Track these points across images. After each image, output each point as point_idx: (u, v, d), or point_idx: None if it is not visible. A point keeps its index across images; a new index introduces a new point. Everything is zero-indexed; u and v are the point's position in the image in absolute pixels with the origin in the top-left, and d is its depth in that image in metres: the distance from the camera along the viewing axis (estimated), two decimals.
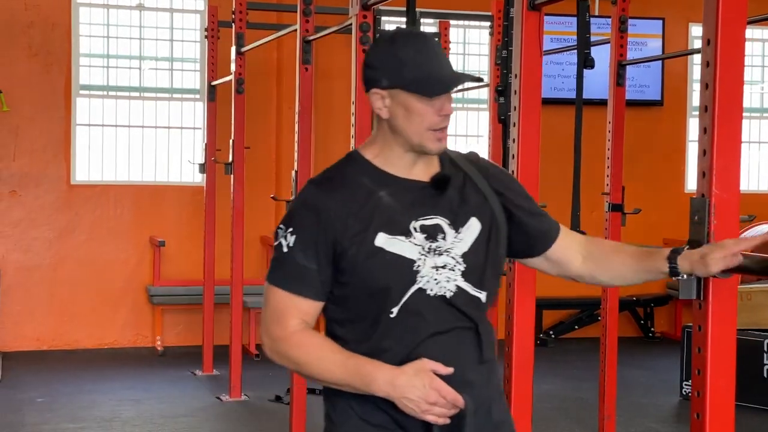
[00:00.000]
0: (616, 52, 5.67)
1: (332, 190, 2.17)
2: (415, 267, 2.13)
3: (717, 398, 2.26)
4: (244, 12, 6.83)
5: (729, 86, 2.23)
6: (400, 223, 2.15)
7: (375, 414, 2.16)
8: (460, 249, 2.18)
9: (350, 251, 2.12)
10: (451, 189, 2.22)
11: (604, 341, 5.60)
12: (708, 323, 2.24)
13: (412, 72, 2.12)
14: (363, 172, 2.19)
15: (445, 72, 2.15)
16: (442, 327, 2.15)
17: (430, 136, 2.16)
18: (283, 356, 2.17)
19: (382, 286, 2.12)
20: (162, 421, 6.23)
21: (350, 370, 2.10)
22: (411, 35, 2.18)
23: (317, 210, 2.14)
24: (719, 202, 2.23)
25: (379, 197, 2.16)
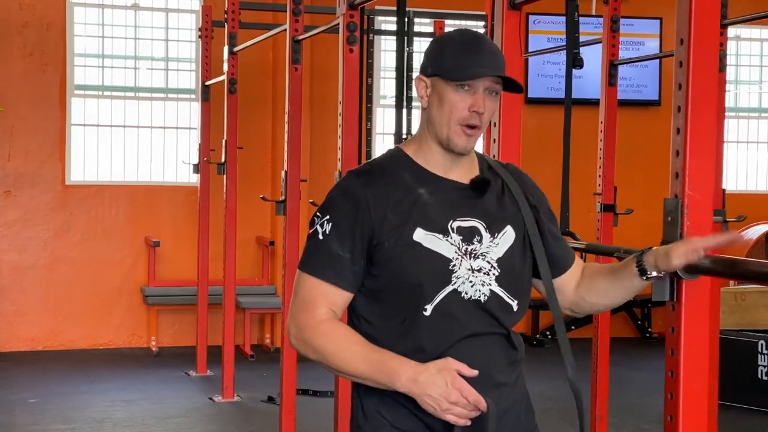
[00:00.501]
0: (608, 51, 5.63)
1: (373, 182, 2.17)
2: (451, 266, 2.13)
3: (691, 401, 2.23)
4: (236, 12, 6.82)
5: (702, 86, 2.21)
6: (438, 221, 2.15)
7: (405, 419, 2.14)
8: (496, 254, 2.19)
9: (387, 243, 2.12)
10: (490, 194, 2.23)
11: (596, 342, 5.59)
12: (681, 325, 2.21)
13: (451, 60, 2.14)
14: (404, 167, 2.20)
15: (481, 64, 2.14)
16: (476, 330, 2.15)
17: (458, 130, 2.16)
18: (308, 345, 2.14)
19: (417, 281, 2.11)
20: (153, 422, 6.22)
21: (373, 365, 2.08)
22: (466, 32, 2.21)
23: (356, 200, 2.14)
24: (692, 202, 2.20)
25: (418, 194, 2.16)
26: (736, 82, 10.34)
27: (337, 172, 4.54)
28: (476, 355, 2.13)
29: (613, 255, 2.42)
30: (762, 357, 6.69)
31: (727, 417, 6.36)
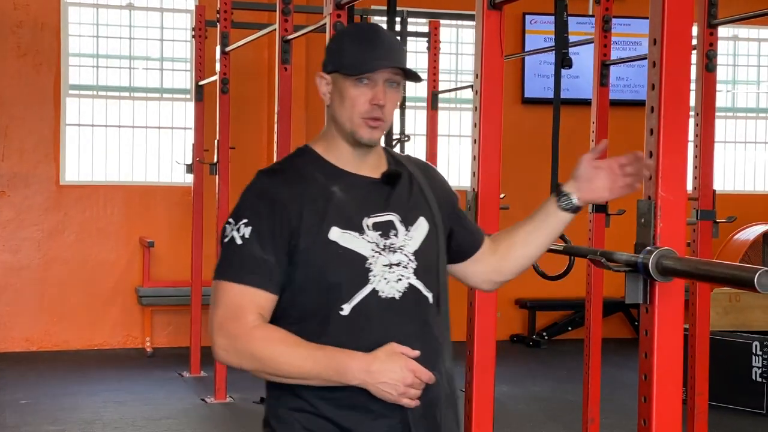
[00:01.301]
0: (599, 52, 5.61)
1: (286, 181, 2.15)
2: (367, 264, 2.12)
3: (664, 404, 2.21)
4: (228, 12, 6.79)
5: (675, 87, 2.19)
6: (353, 219, 2.14)
7: (317, 421, 2.12)
8: (412, 247, 2.19)
9: (304, 244, 2.09)
10: (401, 187, 2.23)
11: (588, 343, 5.56)
12: (654, 328, 2.19)
13: (348, 56, 2.14)
14: (315, 166, 2.19)
15: (379, 56, 2.13)
16: (395, 329, 2.13)
17: (361, 123, 2.15)
18: (244, 354, 2.07)
19: (334, 280, 2.10)
20: (144, 423, 6.20)
21: (320, 362, 2.05)
22: (362, 26, 2.26)
23: (272, 200, 2.11)
24: (665, 204, 2.18)
25: (331, 192, 2.15)
26: (734, 82, 10.31)
27: None
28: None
29: (588, 257, 2.38)
30: (756, 358, 6.66)
31: (720, 418, 6.34)
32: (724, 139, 10.14)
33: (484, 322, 3.13)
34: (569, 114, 8.28)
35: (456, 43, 9.58)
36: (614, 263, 2.24)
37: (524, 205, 9.21)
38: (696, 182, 4.88)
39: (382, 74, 2.14)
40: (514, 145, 9.13)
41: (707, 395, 4.94)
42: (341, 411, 2.11)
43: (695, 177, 4.88)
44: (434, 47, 7.90)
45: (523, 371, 7.97)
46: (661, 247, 2.12)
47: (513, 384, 7.35)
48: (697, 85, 4.84)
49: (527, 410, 6.78)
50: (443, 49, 8.42)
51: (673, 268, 2.05)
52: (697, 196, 4.85)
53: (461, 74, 9.60)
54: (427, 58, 7.99)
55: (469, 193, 3.13)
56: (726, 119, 10.19)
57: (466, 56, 9.61)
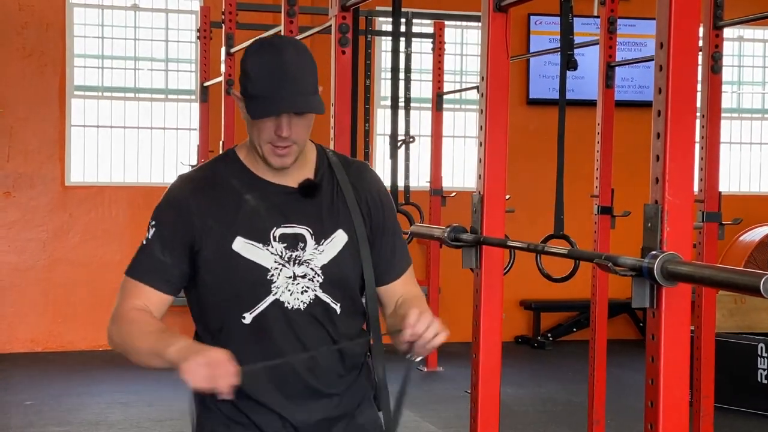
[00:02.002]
0: (605, 53, 5.61)
1: (199, 189, 2.19)
2: (269, 276, 2.14)
3: (670, 409, 2.21)
4: (234, 13, 6.80)
5: (682, 91, 2.19)
6: (261, 230, 2.15)
7: (237, 414, 2.19)
8: (320, 261, 2.17)
9: (206, 252, 2.14)
10: (322, 197, 2.20)
11: (593, 344, 5.55)
12: (661, 332, 2.19)
13: (251, 88, 2.11)
14: (233, 172, 2.20)
15: (279, 98, 2.07)
16: (299, 338, 2.16)
17: (269, 150, 2.14)
18: (116, 333, 2.16)
19: (233, 291, 2.14)
20: (149, 424, 6.20)
21: (158, 337, 2.09)
22: (265, 47, 2.14)
23: (179, 207, 2.18)
24: (672, 208, 2.18)
25: (244, 200, 2.16)
26: (740, 83, 10.29)
27: None
28: (299, 365, 2.15)
29: (593, 261, 2.38)
30: (761, 360, 6.65)
31: (725, 420, 6.32)
32: (729, 140, 10.13)
33: (490, 325, 3.13)
34: (574, 115, 8.28)
35: (461, 44, 9.57)
36: (620, 267, 2.24)
37: (529, 207, 9.23)
38: (702, 184, 4.87)
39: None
40: (519, 146, 9.12)
41: (713, 398, 4.94)
42: (252, 404, 2.16)
43: (701, 179, 4.88)
44: (439, 48, 7.90)
45: (527, 372, 7.96)
46: (666, 252, 2.12)
47: (518, 385, 7.34)
48: (703, 87, 4.83)
49: (532, 411, 6.78)
50: (448, 50, 8.41)
51: (678, 273, 2.05)
52: (703, 197, 4.84)
53: (466, 75, 9.60)
54: (432, 59, 7.99)
55: (475, 196, 3.13)
56: (731, 120, 10.17)
57: (470, 57, 9.60)
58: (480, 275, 3.13)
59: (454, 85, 9.32)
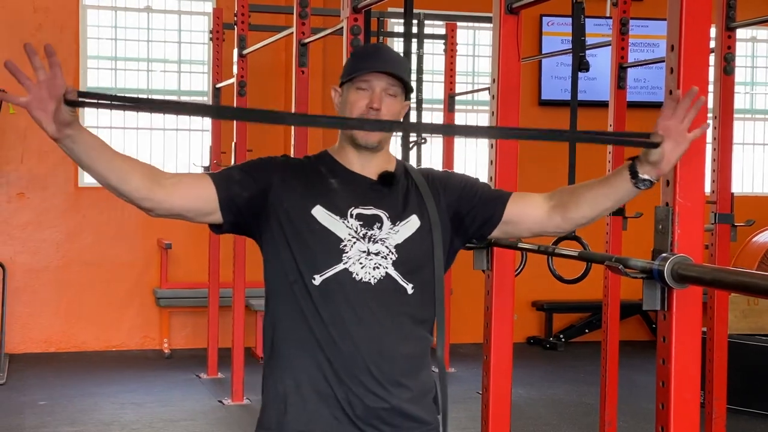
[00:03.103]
0: (617, 54, 5.61)
1: (293, 163, 2.42)
2: (342, 245, 2.28)
3: (682, 411, 2.21)
4: (246, 15, 6.81)
5: None
6: (340, 205, 2.32)
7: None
8: (395, 240, 2.32)
9: (287, 204, 2.30)
10: (397, 190, 2.39)
11: (605, 345, 5.55)
12: (672, 335, 2.19)
13: (350, 67, 2.40)
14: (322, 162, 2.42)
15: (372, 66, 2.34)
16: (364, 309, 2.26)
17: None
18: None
19: (307, 249, 2.28)
20: (162, 425, 6.22)
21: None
22: (370, 44, 2.57)
23: (272, 164, 2.38)
24: (683, 210, 2.18)
25: (329, 182, 2.36)
26: (753, 83, 10.26)
27: None
28: (363, 335, 2.25)
29: (604, 263, 2.38)
30: None
31: (738, 422, 6.31)
32: (742, 140, 10.10)
33: (501, 326, 3.13)
34: (586, 116, 8.25)
35: (473, 45, 9.57)
36: (630, 270, 2.24)
37: None
38: (714, 185, 4.86)
39: (379, 83, 2.34)
40: (531, 147, 9.11)
41: (725, 399, 4.92)
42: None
43: (713, 180, 4.87)
44: (451, 49, 7.90)
45: (539, 374, 7.95)
46: (677, 254, 2.12)
47: (529, 386, 7.34)
48: (715, 88, 4.82)
49: (543, 413, 6.77)
50: (460, 51, 8.41)
51: (688, 276, 2.05)
52: (715, 199, 4.83)
53: (478, 76, 9.60)
54: (444, 61, 7.99)
55: None
56: (744, 121, 10.14)
57: (482, 58, 9.60)
58: (491, 277, 3.14)
59: (466, 86, 9.33)
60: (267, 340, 2.35)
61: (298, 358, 2.28)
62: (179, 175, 2.35)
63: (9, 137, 8.42)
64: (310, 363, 2.26)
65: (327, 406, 2.27)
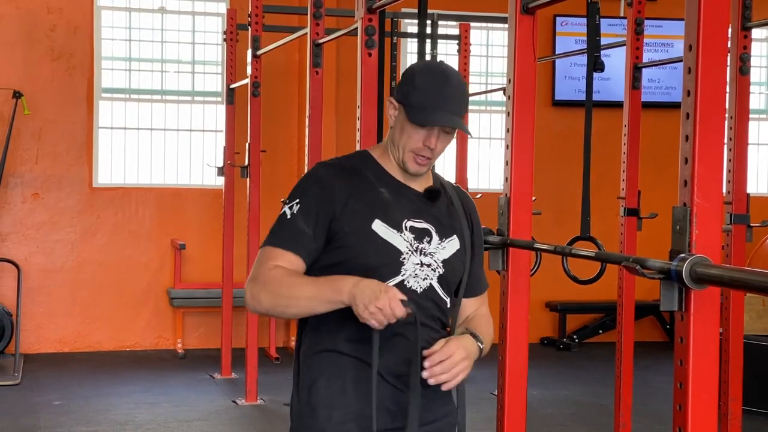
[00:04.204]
0: (632, 54, 5.59)
1: (339, 173, 2.38)
2: (401, 258, 2.34)
3: (699, 413, 2.20)
4: (260, 15, 6.81)
5: (711, 93, 2.18)
6: (395, 218, 2.36)
7: (339, 358, 2.35)
8: (442, 256, 2.40)
9: (346, 228, 2.32)
10: (440, 204, 2.46)
11: (620, 347, 5.53)
12: (690, 336, 2.18)
13: (416, 97, 2.35)
14: (368, 167, 2.42)
15: (440, 109, 2.32)
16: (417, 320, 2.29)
17: (411, 157, 2.38)
18: (262, 291, 2.28)
19: (370, 265, 2.30)
20: (176, 424, 6.23)
21: (320, 283, 2.25)
22: (438, 69, 2.40)
23: (322, 185, 2.35)
24: (701, 211, 2.17)
25: (380, 191, 2.38)
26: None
27: None
28: (414, 342, 2.28)
29: (621, 264, 2.37)
30: None
31: (754, 423, 6.28)
32: (757, 141, 10.06)
33: (516, 326, 3.12)
34: (600, 116, 8.25)
35: (486, 46, 9.56)
36: (648, 270, 2.23)
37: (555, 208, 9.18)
38: (729, 186, 4.84)
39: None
40: (545, 147, 9.10)
41: (741, 400, 4.90)
42: (357, 345, 2.31)
43: (729, 180, 4.85)
44: (464, 50, 7.89)
45: (553, 374, 7.93)
46: (695, 255, 2.11)
47: (543, 387, 7.32)
48: (731, 88, 4.80)
49: (557, 414, 6.76)
50: (473, 52, 8.40)
51: (707, 276, 2.04)
52: (731, 199, 4.81)
53: (491, 77, 9.59)
54: (458, 61, 7.98)
55: (502, 198, 3.13)
56: (759, 121, 10.10)
57: (496, 59, 9.59)
58: (507, 277, 3.13)
59: (479, 87, 9.32)
60: (312, 342, 2.37)
61: (346, 361, 2.32)
62: (285, 268, 2.32)
63: (24, 138, 8.45)
64: (357, 365, 2.31)
65: (369, 408, 2.29)
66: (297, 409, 2.40)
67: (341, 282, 2.22)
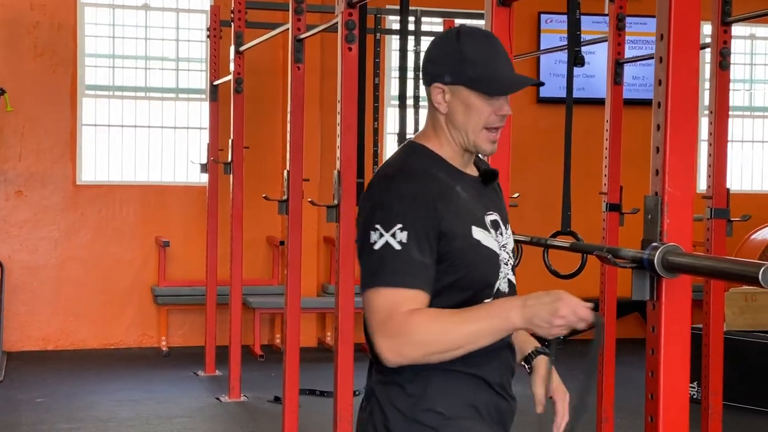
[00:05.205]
0: (613, 50, 5.59)
1: (424, 181, 2.13)
2: (498, 260, 2.21)
3: (671, 401, 2.20)
4: (243, 11, 6.81)
5: (682, 83, 2.18)
6: (479, 217, 2.19)
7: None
8: (510, 245, 2.28)
9: (455, 245, 2.12)
10: (491, 187, 2.30)
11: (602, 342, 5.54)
12: (661, 324, 2.18)
13: (475, 70, 2.16)
14: (434, 164, 2.19)
15: (507, 73, 2.19)
16: None
17: (485, 136, 2.20)
18: (410, 345, 2.03)
19: (485, 279, 2.17)
20: (158, 421, 6.22)
21: (482, 318, 2.06)
22: (476, 33, 2.22)
23: (419, 202, 2.09)
24: (672, 200, 2.17)
25: (457, 191, 2.18)
26: (751, 81, 10.25)
27: (336, 172, 4.52)
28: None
29: (594, 253, 2.38)
30: None
31: (736, 418, 6.30)
32: (741, 138, 10.10)
33: None
34: (585, 113, 8.27)
35: None
36: (620, 260, 2.23)
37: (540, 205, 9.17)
38: (710, 180, 4.85)
39: None
40: (530, 144, 9.12)
41: (721, 394, 4.91)
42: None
43: (709, 175, 4.86)
44: None
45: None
46: (667, 243, 2.11)
47: (525, 383, 7.32)
48: (711, 83, 4.81)
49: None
50: None
51: (678, 264, 2.04)
52: (711, 194, 4.82)
53: None
54: None
55: None
56: (743, 119, 10.14)
57: None
58: None
59: None
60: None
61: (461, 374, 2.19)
62: (423, 310, 2.08)
63: (7, 135, 8.42)
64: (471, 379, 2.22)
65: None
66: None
67: (504, 309, 2.05)
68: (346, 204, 4.49)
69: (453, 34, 2.20)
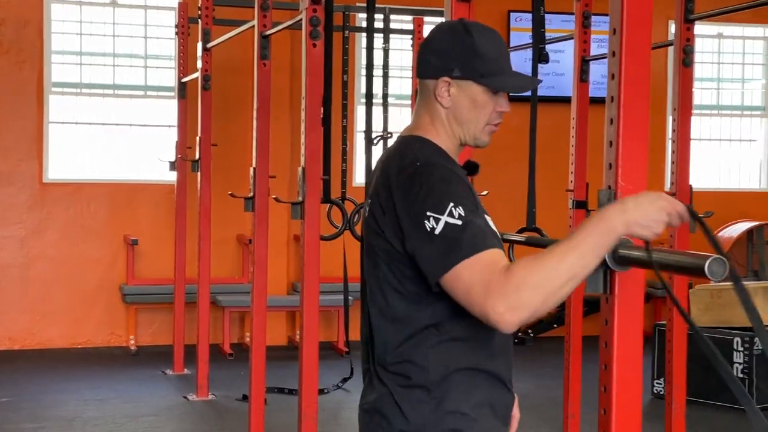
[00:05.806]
0: (579, 48, 5.61)
1: (443, 165, 2.14)
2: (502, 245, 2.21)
3: (624, 394, 2.21)
4: (210, 8, 6.78)
5: (634, 77, 2.20)
6: (482, 207, 2.19)
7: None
8: None
9: (486, 230, 2.11)
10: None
11: (569, 339, 5.56)
12: (614, 317, 2.19)
13: (487, 66, 2.19)
14: (441, 156, 2.20)
15: (511, 68, 2.25)
16: None
17: (487, 130, 2.26)
18: (526, 295, 1.93)
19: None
20: (124, 421, 6.19)
21: (584, 239, 1.96)
22: (484, 28, 2.23)
23: (454, 180, 2.10)
24: (625, 193, 2.17)
25: (465, 181, 2.21)
26: (719, 80, 10.32)
27: (300, 168, 4.52)
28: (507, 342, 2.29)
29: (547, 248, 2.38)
30: (737, 354, 6.67)
31: (701, 413, 6.35)
32: (709, 137, 10.16)
33: None
34: (554, 112, 8.30)
35: None
36: None
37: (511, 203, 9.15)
38: (673, 177, 4.88)
39: None
40: (502, 142, 9.08)
41: (685, 390, 4.94)
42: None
43: (672, 172, 4.89)
44: (418, 44, 7.89)
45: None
46: None
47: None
48: (674, 81, 4.84)
49: None
50: None
51: (629, 257, 2.05)
52: (675, 191, 4.85)
53: None
54: (412, 56, 7.98)
55: None
56: (711, 117, 10.21)
57: None
58: None
59: None
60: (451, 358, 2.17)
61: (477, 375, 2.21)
62: (517, 261, 2.03)
63: None
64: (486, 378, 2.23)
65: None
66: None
67: (601, 222, 1.96)
68: (311, 201, 4.48)
69: (460, 28, 2.21)
